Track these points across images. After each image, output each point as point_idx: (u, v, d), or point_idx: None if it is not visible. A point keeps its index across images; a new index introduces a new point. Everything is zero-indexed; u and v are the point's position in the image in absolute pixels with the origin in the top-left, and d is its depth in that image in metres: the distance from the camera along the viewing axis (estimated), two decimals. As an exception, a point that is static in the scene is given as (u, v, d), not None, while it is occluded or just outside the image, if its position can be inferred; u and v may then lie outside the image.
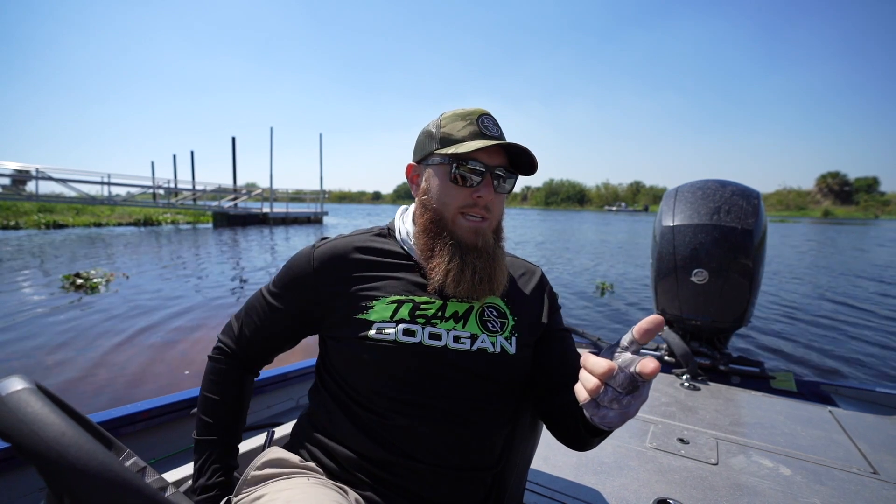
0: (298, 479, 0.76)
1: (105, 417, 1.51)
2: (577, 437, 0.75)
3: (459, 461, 0.78)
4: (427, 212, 0.84)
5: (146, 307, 6.09)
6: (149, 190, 23.79)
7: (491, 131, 0.82)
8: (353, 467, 0.77)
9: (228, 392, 0.89)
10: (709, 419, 1.79)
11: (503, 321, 0.84)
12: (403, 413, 0.77)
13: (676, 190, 2.69)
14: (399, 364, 0.78)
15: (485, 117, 0.83)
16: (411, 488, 0.75)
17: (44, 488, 0.44)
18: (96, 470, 0.42)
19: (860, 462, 1.48)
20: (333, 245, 0.86)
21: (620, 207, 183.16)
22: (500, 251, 0.86)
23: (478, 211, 0.81)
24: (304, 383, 2.26)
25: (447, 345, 0.79)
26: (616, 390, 0.54)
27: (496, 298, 0.86)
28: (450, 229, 0.82)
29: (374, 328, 0.79)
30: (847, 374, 4.32)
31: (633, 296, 8.11)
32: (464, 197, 0.81)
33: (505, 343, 0.82)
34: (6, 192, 20.08)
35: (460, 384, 0.79)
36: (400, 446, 0.76)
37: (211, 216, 24.77)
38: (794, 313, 6.79)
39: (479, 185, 0.80)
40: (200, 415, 0.88)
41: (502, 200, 0.86)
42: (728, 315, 2.43)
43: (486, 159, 0.80)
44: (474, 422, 0.79)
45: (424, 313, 0.80)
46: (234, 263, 10.73)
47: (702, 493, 1.27)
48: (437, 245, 0.82)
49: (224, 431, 0.88)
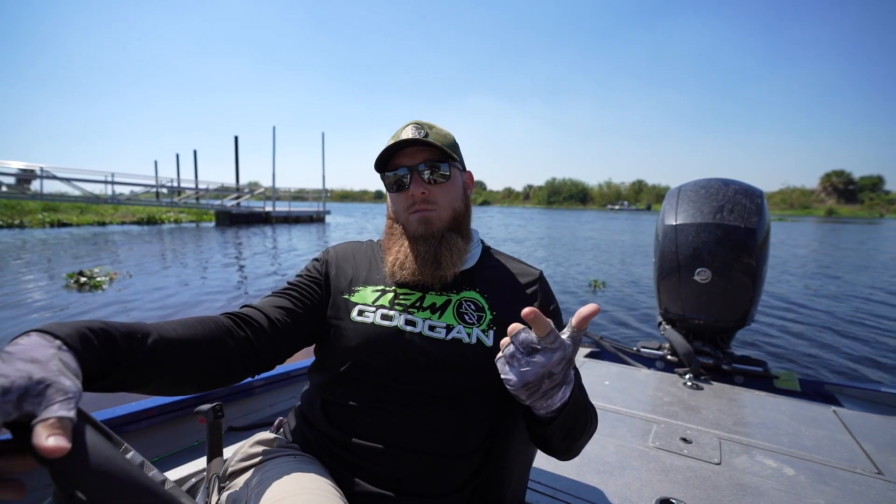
0: (284, 458, 0.79)
1: (108, 416, 1.52)
2: (531, 432, 0.80)
3: (427, 447, 0.79)
4: (388, 220, 0.97)
5: (149, 306, 6.12)
6: (152, 189, 23.86)
7: (410, 136, 0.86)
8: (320, 447, 0.82)
9: (200, 322, 0.73)
10: (712, 419, 1.78)
11: (480, 314, 0.86)
12: (374, 396, 0.80)
13: (679, 189, 2.68)
14: (374, 346, 0.82)
15: (410, 126, 0.88)
16: (368, 468, 0.77)
17: (50, 485, 0.44)
18: (108, 469, 0.42)
19: (864, 462, 1.47)
20: (344, 244, 1.02)
21: (623, 206, 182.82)
22: (452, 237, 0.89)
23: (419, 206, 0.88)
24: (306, 382, 2.27)
25: (422, 332, 0.83)
26: (518, 348, 0.64)
27: (474, 293, 0.89)
28: (402, 228, 0.91)
29: (357, 310, 0.86)
30: (851, 374, 4.30)
31: (623, 292, 8.20)
32: (404, 199, 0.89)
33: (482, 335, 0.83)
34: (11, 191, 20.17)
35: (433, 372, 0.81)
36: (367, 429, 0.79)
37: (214, 215, 24.83)
38: (797, 312, 6.77)
39: (409, 185, 0.88)
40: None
41: (447, 190, 0.89)
42: (731, 314, 2.43)
43: (408, 160, 0.88)
44: (446, 410, 0.80)
45: (403, 302, 0.86)
46: (237, 262, 10.76)
47: (705, 492, 1.27)
48: (390, 243, 0.92)
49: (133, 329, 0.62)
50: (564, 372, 0.67)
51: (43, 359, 0.45)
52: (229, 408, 1.91)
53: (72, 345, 0.49)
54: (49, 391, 0.42)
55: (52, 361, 0.45)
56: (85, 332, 0.52)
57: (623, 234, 26.34)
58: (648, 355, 2.88)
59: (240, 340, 0.77)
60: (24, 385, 0.41)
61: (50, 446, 0.38)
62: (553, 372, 0.65)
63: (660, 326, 2.74)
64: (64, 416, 0.40)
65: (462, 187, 0.94)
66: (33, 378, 0.42)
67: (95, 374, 0.54)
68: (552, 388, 0.67)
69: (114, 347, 0.56)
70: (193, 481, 1.01)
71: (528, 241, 19.52)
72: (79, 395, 0.44)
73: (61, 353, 0.47)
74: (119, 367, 0.57)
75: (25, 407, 0.41)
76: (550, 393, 0.67)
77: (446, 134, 0.92)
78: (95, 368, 0.53)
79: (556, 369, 0.65)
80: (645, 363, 2.79)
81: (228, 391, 1.89)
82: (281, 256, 12.15)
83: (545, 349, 0.63)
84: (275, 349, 0.82)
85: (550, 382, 0.65)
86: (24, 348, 0.45)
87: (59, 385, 0.43)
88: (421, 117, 1.26)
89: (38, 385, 0.42)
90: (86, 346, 0.51)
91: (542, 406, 0.70)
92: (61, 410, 0.41)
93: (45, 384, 0.42)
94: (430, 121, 0.92)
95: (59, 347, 0.48)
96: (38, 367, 0.43)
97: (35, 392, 0.41)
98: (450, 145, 0.89)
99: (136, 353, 0.59)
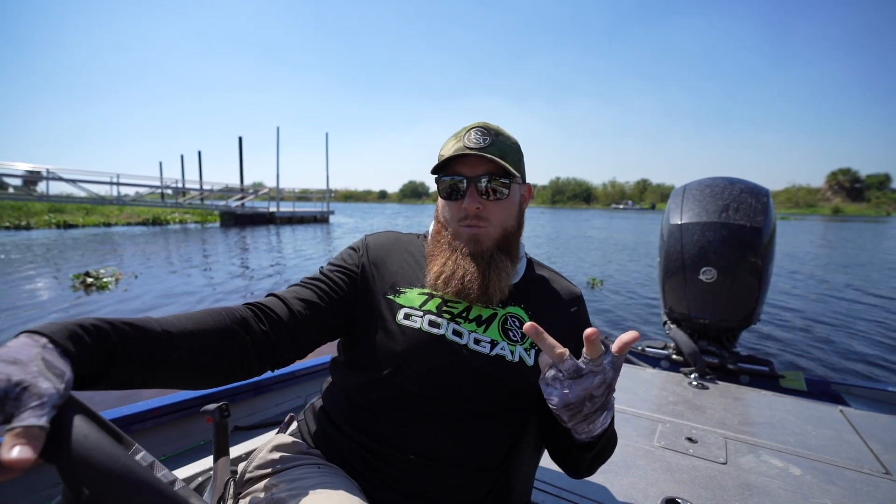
0: (308, 469, 0.76)
1: (116, 415, 1.54)
2: (567, 454, 0.81)
3: (456, 459, 0.78)
4: (437, 224, 0.91)
5: (155, 306, 6.15)
6: (157, 190, 24.00)
7: (474, 143, 0.82)
8: (350, 454, 0.79)
9: (212, 315, 0.70)
10: (717, 418, 1.78)
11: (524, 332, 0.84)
12: (411, 405, 0.78)
13: (684, 188, 2.67)
14: (420, 353, 0.79)
15: (474, 130, 0.84)
16: (403, 479, 0.76)
17: (59, 483, 0.44)
18: (118, 471, 0.42)
19: (872, 462, 1.47)
20: (384, 235, 0.96)
21: (627, 205, 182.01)
22: (501, 260, 0.84)
23: (471, 221, 0.83)
24: (312, 381, 2.28)
25: (468, 344, 0.80)
26: (560, 372, 0.64)
27: (519, 308, 0.87)
28: (451, 239, 0.86)
29: (403, 312, 0.82)
30: (858, 373, 4.27)
31: (621, 291, 8.26)
32: (456, 210, 0.85)
33: (524, 354, 0.82)
34: (18, 192, 20.36)
35: (473, 385, 0.79)
36: (399, 438, 0.77)
37: (218, 216, 24.94)
38: (803, 311, 6.72)
39: (465, 196, 0.83)
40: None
41: (503, 207, 0.85)
42: (736, 313, 2.41)
43: (468, 171, 0.83)
44: (480, 424, 0.80)
45: (451, 310, 0.83)
46: (242, 262, 10.81)
47: (710, 492, 1.26)
48: (437, 251, 0.86)
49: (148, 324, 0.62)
50: (606, 396, 0.66)
51: (25, 359, 0.44)
52: (235, 407, 1.92)
53: (59, 342, 0.48)
54: (24, 395, 0.41)
55: (34, 362, 0.44)
56: (75, 329, 0.51)
57: (626, 233, 26.24)
58: (653, 355, 2.88)
59: (257, 333, 0.74)
60: (3, 388, 0.40)
61: (10, 459, 0.37)
62: (594, 395, 0.65)
63: (665, 326, 2.73)
64: (32, 425, 0.39)
65: (518, 203, 0.89)
66: (11, 380, 0.41)
67: (94, 373, 0.53)
68: (594, 411, 0.66)
69: (108, 344, 0.54)
70: (200, 480, 1.01)
71: (528, 240, 19.49)
72: (57, 397, 0.42)
73: (45, 351, 0.46)
74: (116, 364, 0.55)
75: (8, 409, 0.40)
76: (592, 417, 0.67)
77: (513, 143, 0.86)
78: (90, 366, 0.51)
79: (596, 392, 0.65)
80: (650, 363, 2.78)
81: (235, 390, 1.90)
82: (286, 256, 12.19)
83: (589, 372, 0.63)
84: (295, 344, 0.79)
85: (592, 406, 0.65)
86: (8, 350, 0.44)
87: (34, 388, 0.41)
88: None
89: (15, 388, 0.41)
90: (76, 344, 0.50)
91: (583, 430, 0.70)
92: (31, 418, 0.39)
93: (21, 386, 0.41)
94: (494, 123, 0.86)
95: (44, 346, 0.46)
96: (17, 369, 0.42)
97: (13, 395, 0.40)
98: (514, 156, 0.85)
99: (135, 349, 0.57)
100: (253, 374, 0.75)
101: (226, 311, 0.73)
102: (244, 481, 0.81)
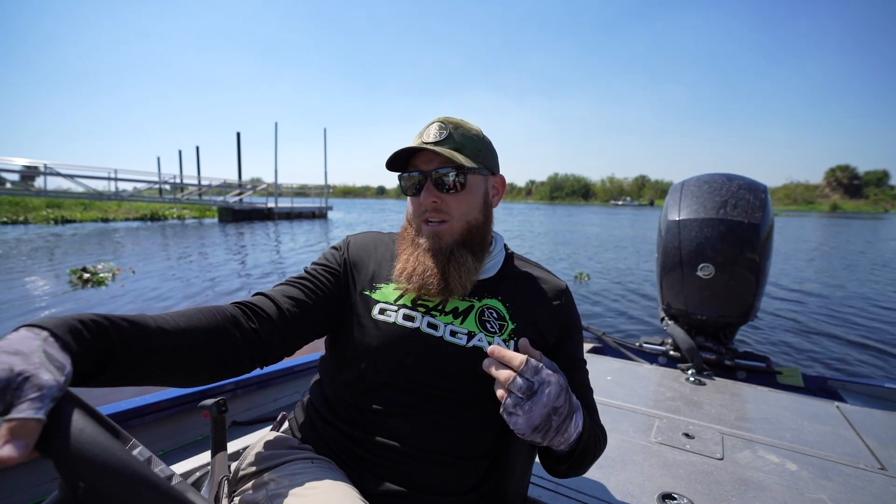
0: (301, 464, 0.77)
1: (114, 410, 1.53)
2: (554, 463, 0.82)
3: (441, 449, 0.79)
4: (405, 221, 0.92)
5: (152, 301, 6.14)
6: (155, 185, 23.89)
7: (432, 137, 0.81)
8: (338, 447, 0.81)
9: (204, 312, 0.71)
10: (714, 414, 1.78)
11: (502, 324, 0.84)
12: (390, 397, 0.79)
13: (682, 184, 2.67)
14: (395, 346, 0.80)
15: (434, 125, 0.83)
16: (391, 469, 0.77)
17: (56, 478, 0.44)
18: (115, 466, 0.42)
19: (868, 458, 1.47)
20: (365, 234, 0.99)
21: (626, 202, 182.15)
22: (462, 255, 0.83)
23: (429, 215, 0.84)
24: (310, 376, 2.27)
25: (443, 337, 0.81)
26: (518, 395, 0.64)
27: (496, 301, 0.86)
28: (414, 235, 0.87)
29: (378, 308, 0.84)
30: (855, 370, 4.29)
31: (605, 284, 8.43)
32: (417, 205, 0.86)
33: (502, 345, 0.82)
34: (15, 187, 20.23)
35: (451, 376, 0.80)
36: (381, 429, 0.78)
37: (216, 211, 24.88)
38: (801, 308, 6.75)
39: (422, 191, 0.83)
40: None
41: (462, 200, 0.83)
42: (734, 310, 2.42)
43: (423, 165, 0.83)
44: (462, 414, 0.81)
45: (426, 304, 0.84)
46: (240, 258, 10.79)
47: (707, 487, 1.27)
48: (402, 247, 0.88)
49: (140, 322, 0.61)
50: (568, 403, 0.67)
51: (27, 351, 0.44)
52: (233, 402, 1.92)
53: (60, 335, 0.48)
54: (25, 385, 0.41)
55: (36, 353, 0.44)
56: (75, 324, 0.51)
57: (623, 229, 26.25)
58: (651, 351, 2.88)
59: (247, 331, 0.75)
60: (6, 377, 0.41)
61: (2, 455, 0.38)
62: (557, 406, 0.65)
63: (662, 322, 2.74)
64: (28, 418, 0.40)
65: (482, 196, 0.86)
66: (14, 370, 0.42)
67: (92, 369, 0.53)
68: (562, 421, 0.67)
69: (107, 340, 0.55)
70: (198, 475, 1.01)
71: (523, 237, 19.48)
72: (57, 389, 0.43)
73: (46, 344, 0.46)
74: (114, 360, 0.56)
75: (9, 399, 0.41)
76: (563, 427, 0.67)
77: (473, 135, 0.85)
78: (89, 362, 0.52)
79: (558, 402, 0.65)
80: (647, 359, 2.79)
81: (232, 386, 1.90)
82: (284, 252, 12.17)
83: (540, 384, 0.65)
84: (284, 341, 0.80)
85: (559, 417, 0.66)
86: (9, 342, 0.45)
87: (35, 379, 0.42)
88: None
89: (17, 377, 0.41)
90: (76, 338, 0.50)
91: (559, 442, 0.70)
92: (28, 411, 0.40)
93: (23, 376, 0.42)
94: (457, 117, 0.86)
95: (45, 339, 0.47)
96: (20, 360, 0.43)
97: (15, 385, 0.41)
98: (474, 147, 0.83)
99: (132, 346, 0.58)
100: (244, 371, 0.76)
101: (216, 309, 0.74)
102: (238, 479, 0.81)
